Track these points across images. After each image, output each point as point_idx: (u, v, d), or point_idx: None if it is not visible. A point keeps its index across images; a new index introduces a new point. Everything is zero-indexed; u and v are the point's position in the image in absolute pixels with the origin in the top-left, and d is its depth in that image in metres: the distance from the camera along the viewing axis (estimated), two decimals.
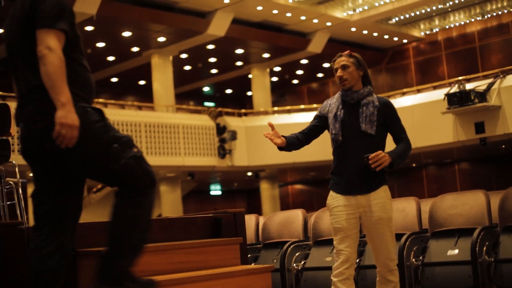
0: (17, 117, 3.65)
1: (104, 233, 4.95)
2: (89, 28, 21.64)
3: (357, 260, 6.81)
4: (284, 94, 33.15)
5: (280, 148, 5.05)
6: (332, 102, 5.06)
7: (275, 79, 30.76)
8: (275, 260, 7.49)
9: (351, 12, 24.54)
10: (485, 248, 6.06)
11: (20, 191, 6.03)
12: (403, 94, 23.50)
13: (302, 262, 7.29)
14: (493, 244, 6.15)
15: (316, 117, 5.15)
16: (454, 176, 27.28)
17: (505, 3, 25.14)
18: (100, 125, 3.64)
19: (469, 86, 20.06)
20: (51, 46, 3.45)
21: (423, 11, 25.42)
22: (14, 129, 6.08)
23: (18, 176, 5.99)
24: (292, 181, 32.72)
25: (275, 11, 23.44)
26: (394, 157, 4.79)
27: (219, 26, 22.88)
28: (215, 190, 34.24)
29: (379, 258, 4.91)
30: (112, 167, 3.62)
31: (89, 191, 28.57)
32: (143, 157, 3.74)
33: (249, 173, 26.58)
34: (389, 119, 4.95)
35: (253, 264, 7.64)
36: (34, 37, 3.52)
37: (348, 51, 5.10)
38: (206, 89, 32.63)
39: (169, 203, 23.98)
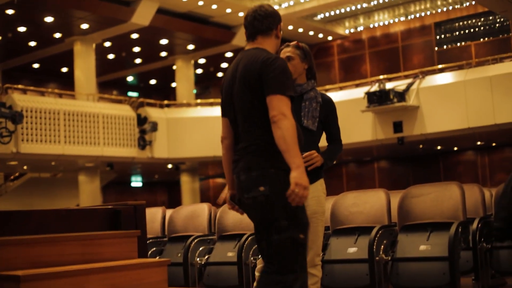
0: (235, 167, 4.03)
1: (14, 222, 4.86)
2: (9, 11, 21.20)
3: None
4: (209, 87, 33.09)
5: None
6: None
7: (200, 71, 30.67)
8: (179, 254, 7.44)
9: (276, 7, 24.60)
10: (382, 246, 6.13)
11: None
12: (326, 91, 23.67)
13: (206, 257, 7.27)
14: (391, 243, 6.23)
15: None
16: (373, 174, 27.67)
17: (428, 5, 25.58)
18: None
19: (389, 85, 20.36)
20: (284, 111, 3.77)
21: (348, 9, 25.68)
22: None
23: None
24: (213, 175, 32.69)
25: (200, 3, 23.37)
26: (326, 158, 4.70)
27: (143, 15, 22.68)
28: (136, 182, 33.99)
29: (308, 253, 4.67)
30: (273, 238, 3.85)
31: (6, 179, 28.07)
32: (304, 247, 3.91)
33: (170, 166, 26.46)
34: (330, 117, 4.85)
35: (157, 257, 7.60)
36: (255, 102, 3.92)
37: (296, 42, 4.94)
38: (130, 79, 32.33)
39: (87, 194, 23.74)
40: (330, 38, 28.42)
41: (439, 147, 24.53)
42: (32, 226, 5.08)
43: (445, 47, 25.84)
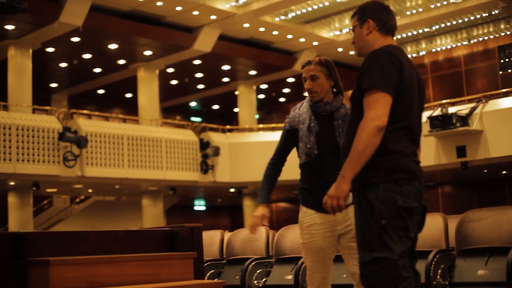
0: (420, 172, 3.70)
1: (55, 242, 4.99)
2: (75, 39, 21.68)
3: None
4: (271, 112, 33.22)
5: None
6: (303, 112, 4.69)
7: (262, 96, 30.84)
8: (237, 277, 7.48)
9: (337, 32, 24.65)
10: (440, 271, 6.07)
11: None
12: None
13: (263, 279, 7.29)
14: (449, 268, 6.17)
15: (285, 133, 4.80)
16: (437, 199, 27.32)
17: (491, 29, 25.28)
18: None
19: (452, 109, 20.13)
20: None
21: (409, 33, 25.54)
22: None
23: None
24: (276, 199, 32.66)
25: (261, 29, 23.54)
26: None
27: (205, 42, 22.96)
28: (199, 206, 34.19)
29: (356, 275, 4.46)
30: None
31: (71, 202, 28.55)
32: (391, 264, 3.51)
33: (232, 190, 26.57)
34: None
35: (216, 279, 7.65)
36: None
37: (318, 57, 4.73)
38: (193, 104, 32.66)
39: (150, 217, 23.96)
40: None
41: (504, 172, 24.10)
42: (90, 246, 5.17)
43: (509, 70, 25.44)
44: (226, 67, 26.33)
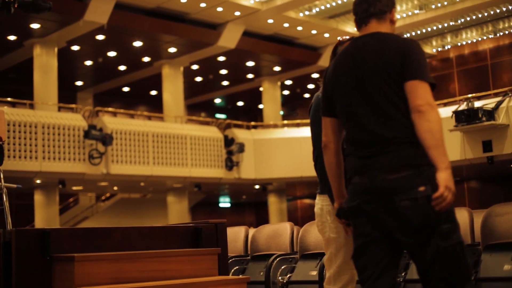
0: (365, 166, 3.46)
1: (80, 239, 5.01)
2: (100, 37, 21.78)
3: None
4: (296, 108, 33.18)
5: None
6: None
7: (286, 92, 30.81)
8: (261, 273, 7.47)
9: None
10: None
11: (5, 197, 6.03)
12: None
13: (288, 276, 7.27)
14: (475, 263, 6.11)
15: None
16: (463, 194, 27.13)
17: None
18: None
19: (478, 104, 19.96)
20: (431, 102, 3.32)
21: (435, 27, 25.38)
22: (4, 134, 6.13)
23: (2, 181, 6.01)
24: (301, 196, 32.65)
25: (286, 25, 23.50)
26: None
27: (229, 38, 22.97)
28: (224, 202, 34.23)
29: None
30: (441, 245, 3.37)
31: (97, 200, 28.67)
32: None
33: (257, 186, 26.56)
34: None
35: (240, 275, 7.64)
36: (396, 89, 3.42)
37: None
38: (217, 101, 32.72)
39: (176, 214, 24.02)
40: None
41: None
42: (115, 243, 5.18)
43: None
44: (250, 64, 26.33)
